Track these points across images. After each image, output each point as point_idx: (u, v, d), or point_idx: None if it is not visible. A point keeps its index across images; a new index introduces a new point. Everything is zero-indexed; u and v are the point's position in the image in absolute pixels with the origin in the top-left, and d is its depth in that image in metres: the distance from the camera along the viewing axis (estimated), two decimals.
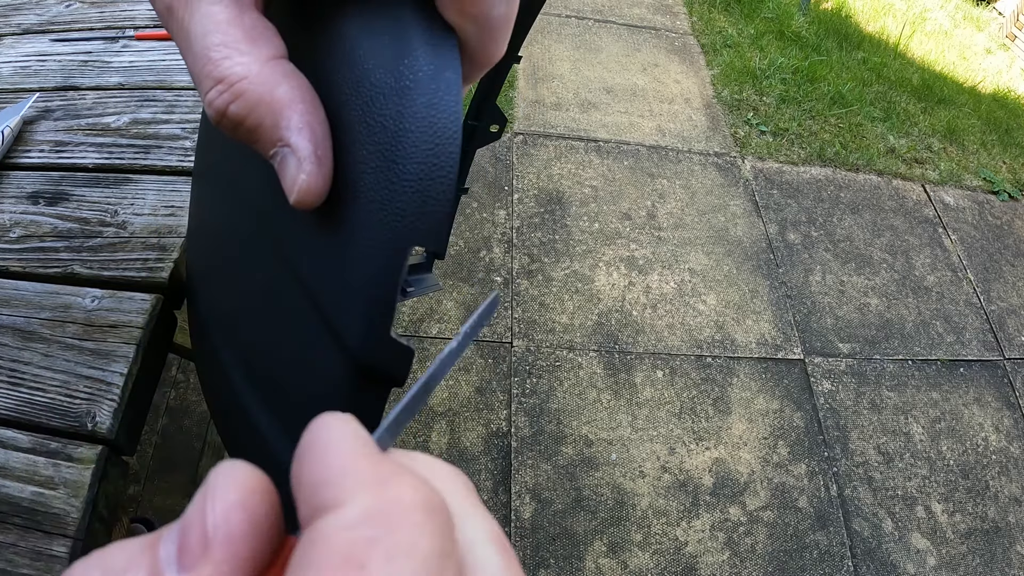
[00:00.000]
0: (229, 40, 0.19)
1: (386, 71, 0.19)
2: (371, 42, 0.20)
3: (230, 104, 0.19)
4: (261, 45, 0.20)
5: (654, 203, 2.10)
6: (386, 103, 0.19)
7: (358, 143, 0.20)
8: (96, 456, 0.51)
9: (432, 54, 0.19)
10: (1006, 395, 1.84)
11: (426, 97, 0.19)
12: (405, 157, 0.19)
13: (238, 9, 0.20)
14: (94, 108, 0.75)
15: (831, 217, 2.20)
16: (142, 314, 0.58)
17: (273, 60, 0.20)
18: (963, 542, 1.54)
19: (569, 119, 2.33)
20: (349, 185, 0.20)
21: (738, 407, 1.66)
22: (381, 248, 0.20)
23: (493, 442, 1.50)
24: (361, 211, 0.20)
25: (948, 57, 3.50)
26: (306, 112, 0.20)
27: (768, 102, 2.61)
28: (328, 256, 0.22)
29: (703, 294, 1.88)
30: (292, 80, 0.20)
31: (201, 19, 0.20)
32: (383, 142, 0.19)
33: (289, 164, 0.20)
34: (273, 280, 0.27)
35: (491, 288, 1.78)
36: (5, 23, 0.87)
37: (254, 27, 0.20)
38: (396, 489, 0.12)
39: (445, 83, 0.19)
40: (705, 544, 1.43)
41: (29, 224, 0.63)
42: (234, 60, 0.19)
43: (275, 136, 0.20)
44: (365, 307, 0.21)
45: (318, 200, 0.20)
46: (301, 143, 0.20)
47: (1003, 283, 2.14)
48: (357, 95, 0.20)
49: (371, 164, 0.20)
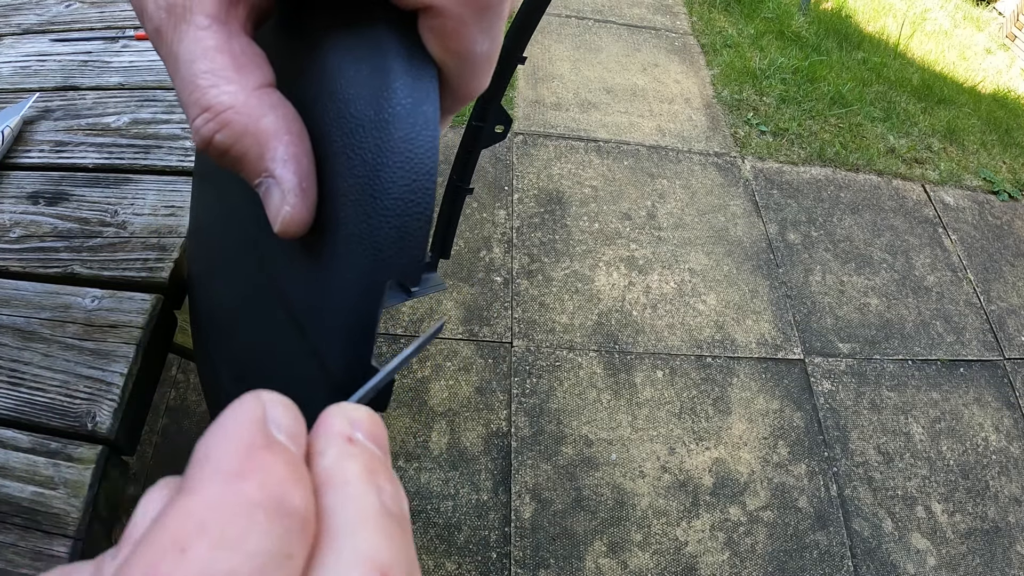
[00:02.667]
0: (216, 67, 0.19)
1: (366, 103, 0.19)
2: (353, 71, 0.20)
3: (216, 133, 0.19)
4: (248, 73, 0.20)
5: (654, 203, 2.10)
6: (366, 136, 0.19)
7: (340, 175, 0.20)
8: (96, 456, 0.51)
9: (412, 87, 0.19)
10: (1006, 395, 1.84)
11: (404, 132, 0.19)
12: (383, 193, 0.19)
13: (226, 34, 0.20)
14: (94, 108, 0.75)
15: (831, 217, 2.20)
16: (142, 314, 0.58)
17: (260, 89, 0.20)
18: (963, 542, 1.54)
19: (569, 119, 2.33)
20: (331, 216, 0.21)
21: (738, 407, 1.66)
22: (360, 280, 0.20)
23: (493, 442, 1.50)
24: (341, 243, 0.20)
25: (948, 57, 3.50)
26: (291, 144, 0.20)
27: (768, 102, 2.61)
28: (311, 283, 0.23)
29: (703, 294, 1.88)
30: (279, 110, 0.20)
31: (189, 44, 0.19)
32: (362, 176, 0.19)
33: (273, 195, 0.20)
34: (262, 294, 0.27)
35: (491, 288, 1.79)
36: (5, 23, 0.87)
37: (243, 53, 0.20)
38: (248, 484, 0.12)
39: (423, 118, 0.19)
40: (705, 544, 1.43)
41: (29, 224, 0.63)
42: (221, 88, 0.19)
43: (260, 167, 0.20)
44: (345, 336, 0.21)
45: (302, 231, 0.21)
46: (286, 175, 0.20)
47: (1003, 283, 2.14)
48: (338, 126, 0.20)
49: (351, 197, 0.20)
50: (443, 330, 0.26)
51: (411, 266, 0.20)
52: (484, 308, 1.73)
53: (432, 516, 1.37)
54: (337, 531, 0.13)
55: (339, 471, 0.14)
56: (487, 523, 1.38)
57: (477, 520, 1.38)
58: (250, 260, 0.28)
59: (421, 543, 1.34)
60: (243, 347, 0.30)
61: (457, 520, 1.38)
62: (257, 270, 0.27)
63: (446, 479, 1.43)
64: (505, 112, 0.35)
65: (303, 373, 0.24)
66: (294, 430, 0.14)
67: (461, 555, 1.33)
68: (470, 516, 1.39)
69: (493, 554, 1.34)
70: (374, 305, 0.20)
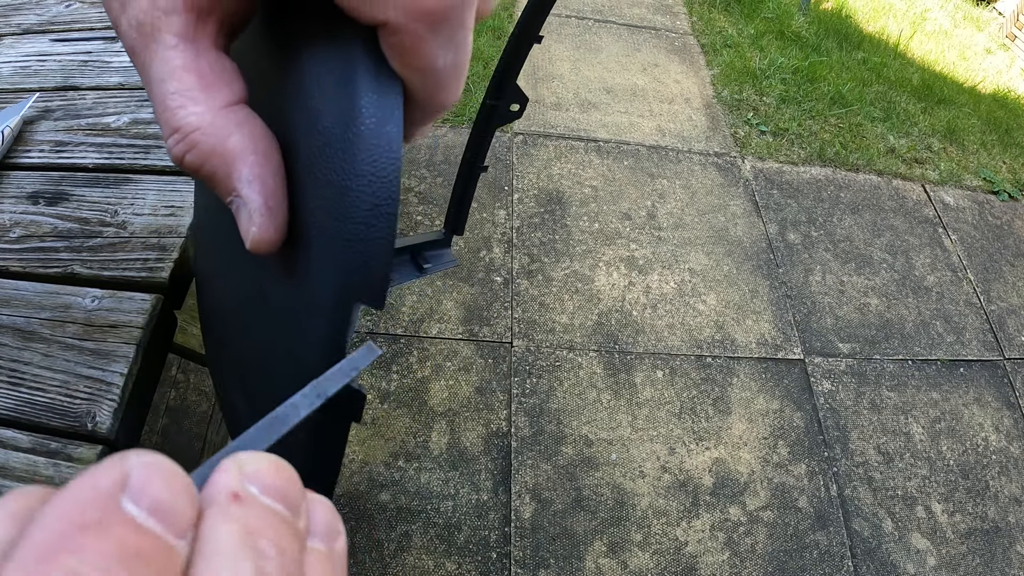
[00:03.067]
0: (183, 88, 0.19)
1: (333, 119, 0.19)
2: (323, 85, 0.20)
3: (186, 154, 0.19)
4: (216, 92, 0.20)
5: (654, 203, 2.10)
6: (332, 155, 0.19)
7: (309, 193, 0.20)
8: (96, 456, 0.51)
9: (377, 105, 0.19)
10: (1006, 395, 1.84)
11: (367, 154, 0.19)
12: (346, 216, 0.19)
13: (194, 53, 0.20)
14: (94, 108, 0.75)
15: (831, 217, 2.20)
16: (142, 314, 0.57)
17: (226, 109, 0.20)
18: (963, 542, 1.54)
19: (569, 119, 2.33)
20: (303, 233, 0.21)
21: (738, 407, 1.66)
22: (328, 300, 0.20)
23: (493, 442, 1.50)
24: (312, 261, 0.21)
25: (948, 57, 3.50)
26: (256, 164, 0.20)
27: (768, 102, 2.61)
28: (289, 296, 0.23)
29: (703, 294, 1.88)
30: (245, 129, 0.20)
31: (159, 64, 0.19)
32: (329, 197, 0.19)
33: (242, 215, 0.20)
34: (260, 294, 0.27)
35: (491, 288, 1.78)
36: (5, 23, 0.87)
37: (211, 71, 0.20)
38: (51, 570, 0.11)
39: (386, 139, 0.19)
40: (705, 544, 1.43)
41: (29, 224, 0.63)
42: (188, 110, 0.19)
43: (228, 186, 0.20)
44: (320, 351, 0.21)
45: (271, 248, 0.21)
46: (252, 196, 0.20)
47: (1003, 283, 2.14)
48: (308, 141, 0.20)
49: (319, 217, 0.20)
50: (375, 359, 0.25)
51: (376, 290, 0.20)
52: (484, 308, 1.73)
53: (432, 516, 1.37)
54: None
55: (210, 537, 0.13)
56: (487, 523, 1.38)
57: (477, 520, 1.38)
58: (247, 259, 0.28)
59: (421, 543, 1.34)
60: (244, 347, 0.30)
61: (457, 520, 1.38)
62: (253, 269, 0.27)
63: (446, 479, 1.43)
64: (520, 90, 0.35)
65: (286, 382, 0.24)
66: (165, 501, 0.12)
67: (461, 555, 1.33)
68: (470, 516, 1.39)
69: (493, 554, 1.34)
70: (343, 325, 0.20)
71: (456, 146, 2.13)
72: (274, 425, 0.16)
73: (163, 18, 0.19)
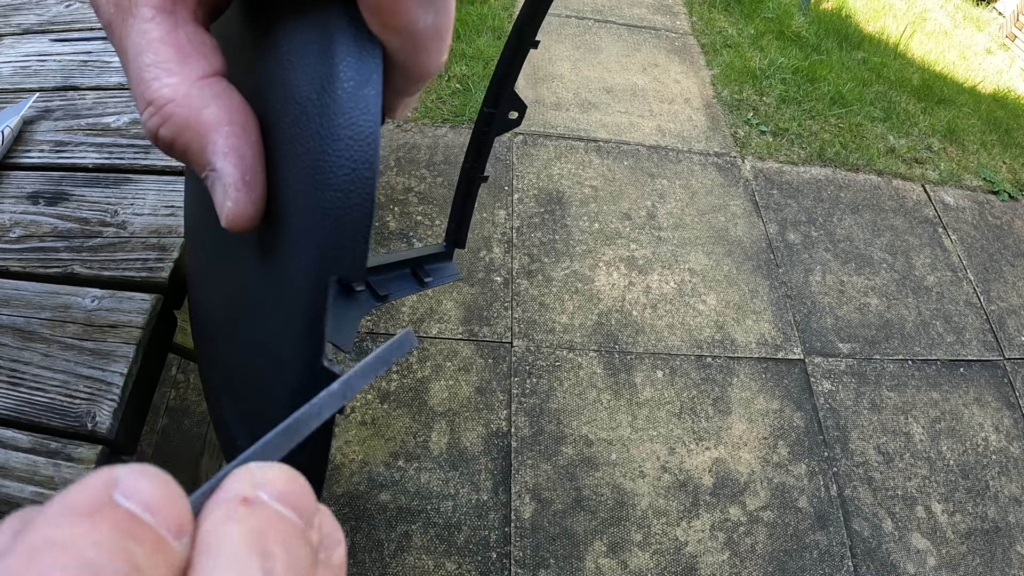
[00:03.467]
0: (159, 60, 0.19)
1: (310, 86, 0.19)
2: (300, 54, 0.19)
3: (160, 127, 0.19)
4: (192, 63, 0.19)
5: (654, 203, 2.10)
6: (309, 123, 0.19)
7: (287, 165, 0.19)
8: (96, 456, 0.51)
9: (354, 68, 0.18)
10: (1006, 395, 1.84)
11: (344, 117, 0.18)
12: (324, 184, 0.18)
13: (172, 24, 0.19)
14: (94, 108, 0.75)
15: (831, 217, 2.20)
16: (142, 314, 0.58)
17: (203, 80, 0.19)
18: (963, 542, 1.54)
19: (569, 119, 2.33)
20: (281, 208, 0.20)
21: (738, 407, 1.66)
22: (307, 280, 0.19)
23: (493, 442, 1.50)
24: (291, 236, 0.20)
25: (948, 57, 3.50)
26: (232, 135, 0.19)
27: (768, 102, 2.61)
28: (267, 278, 0.22)
29: (703, 294, 1.88)
30: (221, 101, 0.19)
31: (136, 37, 0.19)
32: (307, 166, 0.19)
33: (216, 189, 0.19)
34: (241, 293, 0.27)
35: (491, 288, 1.79)
36: (5, 23, 0.87)
37: (188, 43, 0.19)
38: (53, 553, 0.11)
39: (363, 101, 0.18)
40: (705, 544, 1.43)
41: (29, 224, 0.63)
42: (162, 81, 0.19)
43: (202, 160, 0.19)
44: (296, 336, 0.20)
45: (249, 225, 0.20)
46: (227, 168, 0.19)
47: (1003, 283, 2.14)
48: (285, 112, 0.19)
49: (297, 188, 0.19)
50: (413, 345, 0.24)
51: (354, 263, 0.19)
52: (484, 308, 1.73)
53: (432, 516, 1.37)
54: None
55: (216, 536, 0.13)
56: (487, 523, 1.38)
57: (477, 520, 1.38)
58: (231, 251, 0.27)
59: (421, 543, 1.34)
60: (229, 350, 0.30)
61: (457, 520, 1.38)
62: (236, 260, 0.26)
63: (446, 479, 1.43)
64: (519, 98, 0.34)
65: (269, 378, 0.23)
66: (154, 500, 0.12)
67: (461, 555, 1.33)
68: (470, 516, 1.39)
69: (493, 554, 1.34)
70: (321, 303, 0.19)
71: (456, 146, 2.13)
72: (295, 428, 0.16)
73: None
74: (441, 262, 0.36)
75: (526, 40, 0.31)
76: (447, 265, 0.36)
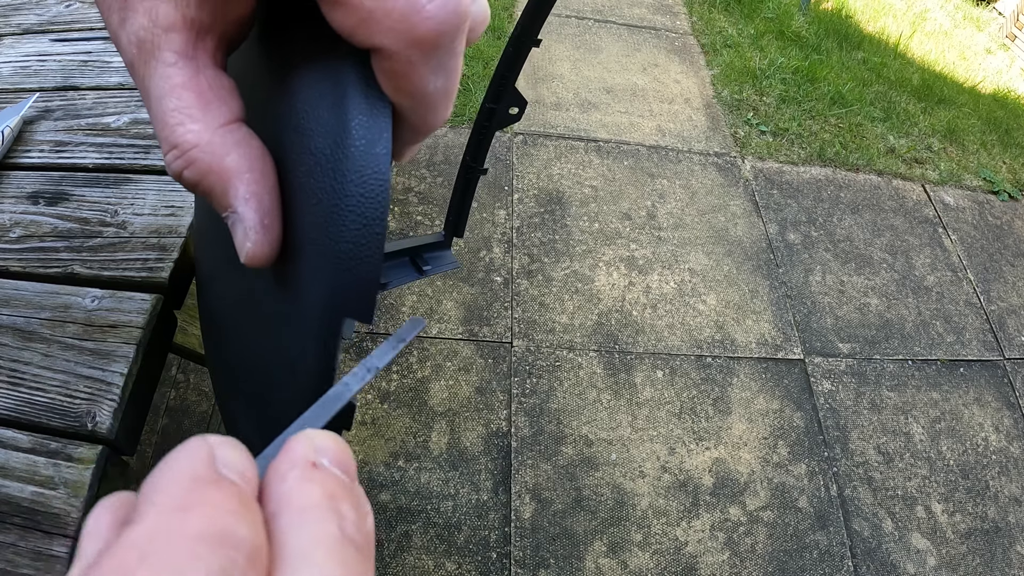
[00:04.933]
0: (182, 105, 0.19)
1: (324, 140, 0.20)
2: (315, 104, 0.20)
3: (184, 170, 0.20)
4: (214, 109, 0.20)
5: (654, 203, 2.10)
6: (322, 176, 0.20)
7: (301, 211, 0.21)
8: (96, 456, 0.51)
9: (366, 127, 0.19)
10: (1006, 395, 1.84)
11: (356, 175, 0.19)
12: (337, 236, 0.20)
13: (193, 70, 0.20)
14: (94, 108, 0.75)
15: (831, 217, 2.20)
16: (142, 314, 0.58)
17: (225, 127, 0.20)
18: (963, 542, 1.54)
19: (569, 119, 2.33)
20: (296, 248, 0.21)
21: (738, 407, 1.66)
22: (317, 313, 0.21)
23: (493, 442, 1.50)
24: (303, 276, 0.21)
25: (948, 57, 3.50)
26: (253, 182, 0.20)
27: (768, 102, 2.61)
28: (280, 305, 0.23)
29: (703, 294, 1.88)
30: (242, 148, 0.20)
31: (158, 81, 0.20)
32: (320, 215, 0.20)
33: (237, 230, 0.21)
34: (249, 298, 0.28)
35: (491, 288, 1.79)
36: (5, 23, 0.87)
37: (209, 88, 0.20)
38: (191, 516, 0.12)
39: (375, 160, 0.19)
40: (705, 544, 1.43)
41: (29, 224, 0.63)
42: (186, 127, 0.19)
43: (224, 203, 0.20)
44: (311, 358, 0.22)
45: (266, 263, 0.21)
46: (248, 213, 0.20)
47: (1003, 283, 2.14)
48: (301, 161, 0.21)
49: (311, 234, 0.20)
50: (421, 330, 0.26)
51: (364, 309, 0.20)
52: (484, 308, 1.73)
53: (432, 516, 1.37)
54: (290, 558, 0.13)
55: (297, 496, 0.14)
56: (487, 523, 1.38)
57: (477, 520, 1.38)
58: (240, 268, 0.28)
59: (421, 543, 1.34)
60: (237, 352, 0.30)
61: (457, 520, 1.38)
62: (246, 272, 0.27)
63: (446, 479, 1.43)
64: (520, 94, 0.35)
65: (280, 387, 0.24)
66: (242, 468, 0.14)
67: (461, 555, 1.33)
68: (470, 516, 1.39)
69: (493, 554, 1.34)
70: (332, 337, 0.21)
71: (456, 146, 2.13)
72: (329, 403, 0.18)
73: (163, 35, 0.19)
74: (439, 251, 0.36)
75: (528, 39, 0.31)
76: (445, 254, 0.37)
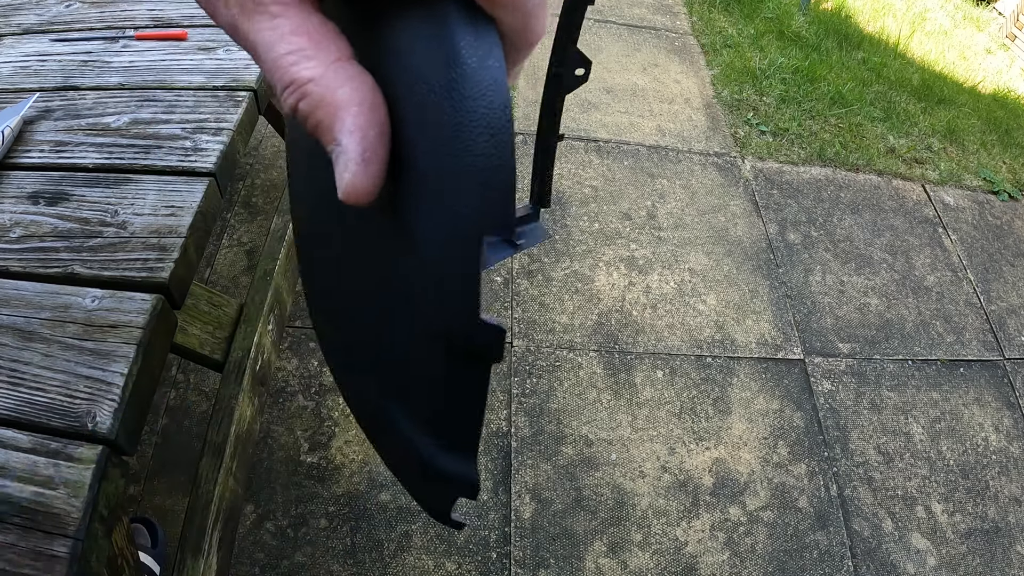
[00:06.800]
0: (295, 48, 0.21)
1: (435, 68, 0.20)
2: (417, 40, 0.21)
3: (299, 102, 0.21)
4: (325, 48, 0.21)
5: (654, 203, 2.10)
6: (439, 100, 0.20)
7: (417, 145, 0.21)
8: (96, 456, 0.51)
9: (474, 46, 0.20)
10: (1006, 395, 1.84)
11: (474, 89, 0.20)
12: (465, 151, 0.20)
13: (303, 16, 0.21)
14: (94, 108, 0.75)
15: (831, 217, 2.20)
16: (142, 314, 0.58)
17: (337, 63, 0.21)
18: (963, 542, 1.54)
19: (569, 119, 2.33)
20: (412, 187, 0.22)
21: (738, 407, 1.66)
22: (456, 236, 0.21)
23: (493, 442, 1.50)
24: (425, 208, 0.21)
25: (948, 57, 3.50)
26: (359, 115, 0.21)
27: (768, 102, 2.61)
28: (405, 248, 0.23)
29: (703, 294, 1.88)
30: (354, 83, 0.21)
31: (267, 33, 0.21)
32: (442, 138, 0.20)
33: (339, 163, 0.22)
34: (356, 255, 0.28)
35: (491, 288, 1.79)
36: (5, 23, 0.87)
37: (318, 30, 0.21)
38: None
39: (490, 72, 0.20)
40: (705, 544, 1.43)
41: (29, 224, 0.63)
42: (302, 65, 0.21)
43: (331, 135, 0.21)
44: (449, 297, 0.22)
45: (364, 199, 0.22)
46: (350, 145, 0.21)
47: (1003, 283, 2.15)
48: (410, 94, 0.21)
49: (430, 162, 0.21)
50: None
51: (506, 219, 0.21)
52: (484, 308, 1.73)
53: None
54: None
55: None
56: (487, 523, 1.38)
57: (477, 520, 1.38)
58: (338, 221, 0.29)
59: (421, 543, 1.34)
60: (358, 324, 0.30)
61: None
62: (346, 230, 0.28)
63: None
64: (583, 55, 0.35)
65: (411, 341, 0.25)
66: None
67: (461, 555, 1.33)
68: (470, 516, 1.39)
69: (493, 554, 1.34)
70: (475, 262, 0.21)
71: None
72: None
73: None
74: (530, 223, 0.37)
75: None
76: (536, 225, 0.37)
